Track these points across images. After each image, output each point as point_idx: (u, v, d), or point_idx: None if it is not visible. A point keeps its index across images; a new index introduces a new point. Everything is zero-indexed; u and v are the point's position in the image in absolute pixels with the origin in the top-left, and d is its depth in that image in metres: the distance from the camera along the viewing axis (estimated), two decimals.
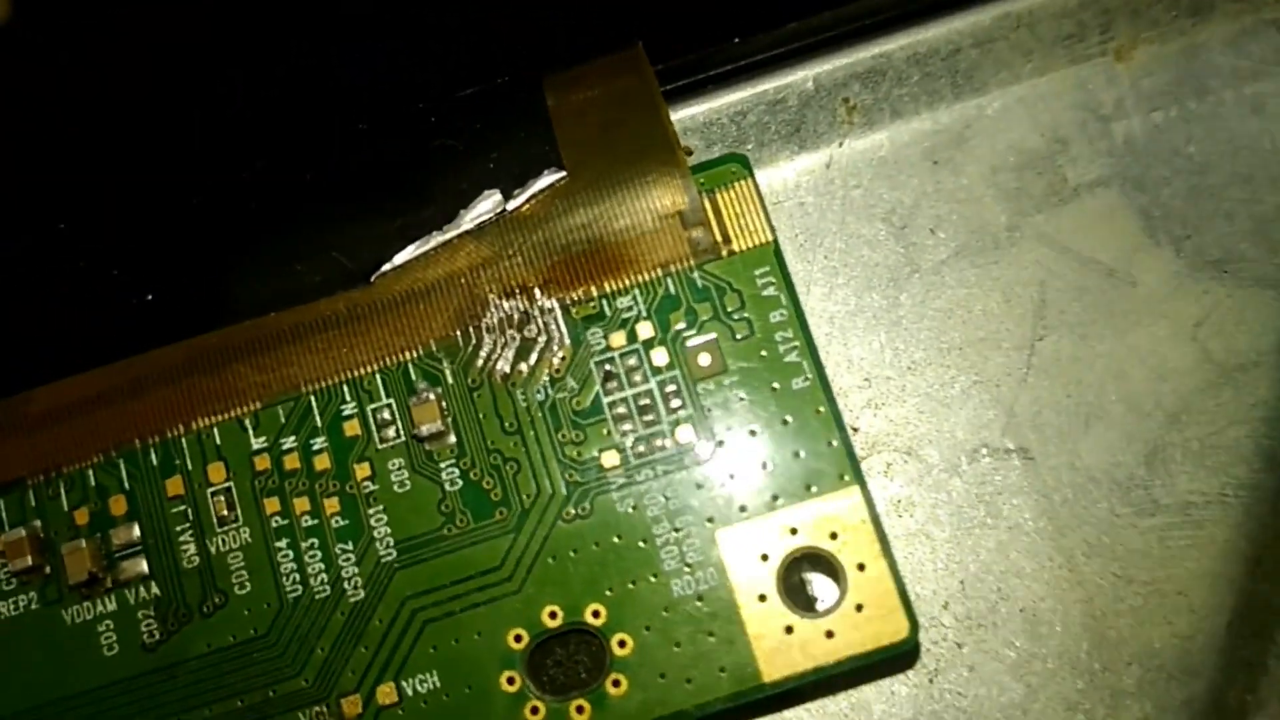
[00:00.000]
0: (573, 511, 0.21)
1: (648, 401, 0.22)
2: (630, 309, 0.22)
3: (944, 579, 0.23)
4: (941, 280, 0.24)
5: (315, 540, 0.22)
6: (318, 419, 0.22)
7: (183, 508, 0.22)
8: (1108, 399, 0.23)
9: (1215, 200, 0.24)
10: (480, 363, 0.22)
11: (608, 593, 0.21)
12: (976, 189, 0.25)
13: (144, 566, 0.22)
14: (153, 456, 0.22)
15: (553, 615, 0.21)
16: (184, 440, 0.22)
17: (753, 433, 0.21)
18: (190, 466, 0.22)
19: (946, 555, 0.23)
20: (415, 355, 0.22)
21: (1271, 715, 0.22)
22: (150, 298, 0.23)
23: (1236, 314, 0.23)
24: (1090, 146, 0.25)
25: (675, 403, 0.22)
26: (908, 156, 0.25)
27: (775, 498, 0.21)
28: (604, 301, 0.22)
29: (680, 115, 0.25)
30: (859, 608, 0.21)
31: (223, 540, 0.22)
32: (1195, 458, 0.23)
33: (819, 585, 0.21)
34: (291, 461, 0.22)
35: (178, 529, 0.22)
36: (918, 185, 0.25)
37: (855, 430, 0.23)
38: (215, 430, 0.22)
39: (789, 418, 0.21)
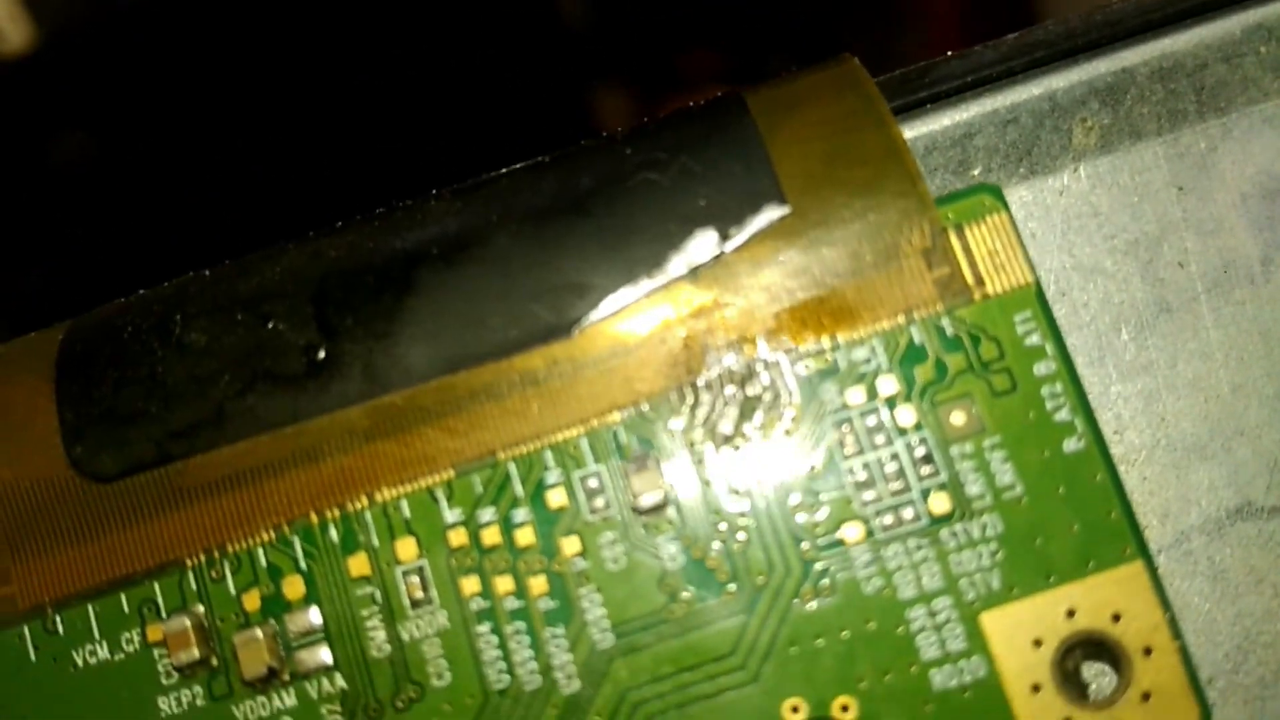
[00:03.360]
0: (811, 592, 0.20)
1: (895, 466, 0.21)
2: (869, 361, 0.21)
3: (1208, 652, 0.22)
4: (1195, 320, 0.23)
5: (521, 624, 0.21)
6: (518, 489, 0.21)
7: (369, 589, 0.21)
8: None
9: None
10: (700, 424, 0.21)
11: (859, 685, 0.20)
12: (1227, 218, 0.24)
13: (326, 657, 0.21)
14: (332, 532, 0.21)
15: (795, 710, 0.20)
16: (368, 513, 0.21)
17: (1019, 502, 0.20)
18: (376, 543, 0.21)
19: (1210, 627, 0.22)
20: (626, 417, 0.21)
21: None
22: (322, 355, 0.22)
23: None
24: None
25: (926, 468, 0.21)
26: (1150, 182, 0.24)
27: (1048, 575, 0.20)
28: (838, 353, 0.21)
29: None
30: (1145, 696, 0.20)
31: (416, 626, 0.21)
32: None
33: (1094, 671, 0.20)
34: (491, 536, 0.21)
35: (364, 613, 0.21)
36: (1162, 214, 0.23)
37: None
38: (404, 502, 0.21)
39: (1061, 485, 0.20)
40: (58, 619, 0.22)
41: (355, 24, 0.25)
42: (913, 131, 0.24)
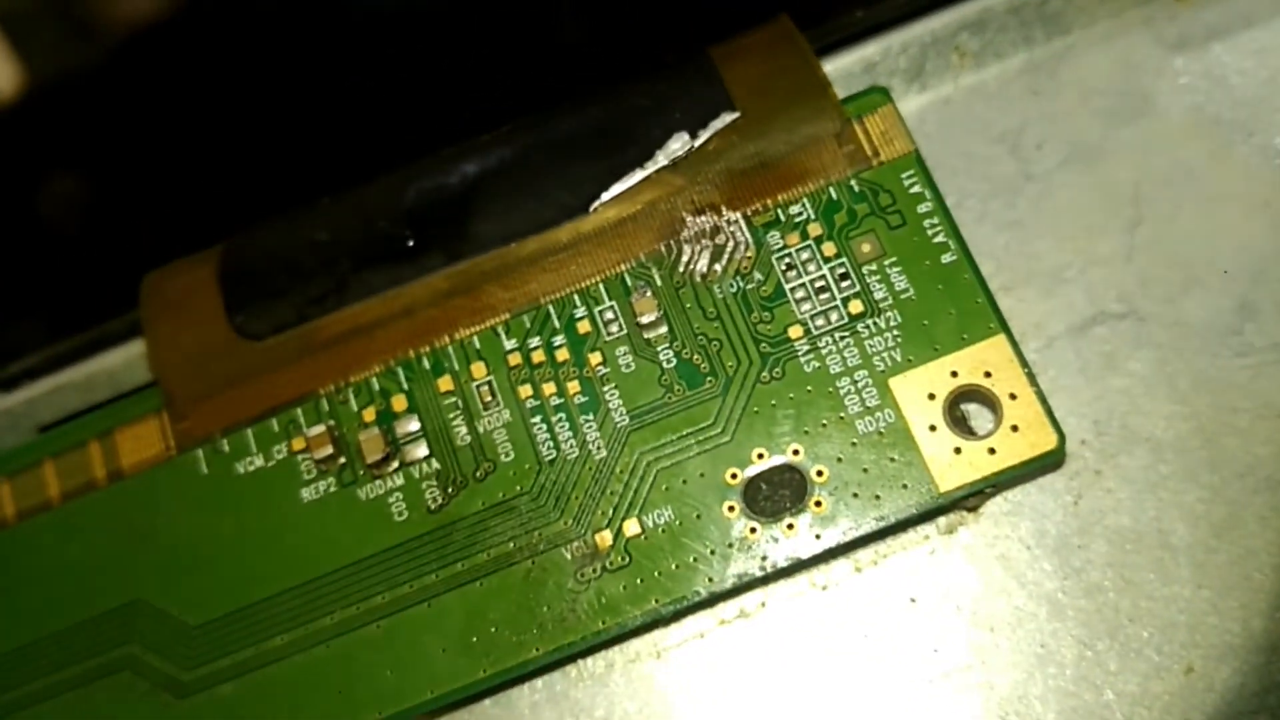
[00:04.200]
0: (768, 376, 0.29)
1: (822, 284, 0.29)
2: (801, 214, 0.30)
3: (1080, 421, 0.30)
4: (1051, 186, 0.31)
5: (563, 415, 0.29)
6: (555, 322, 0.30)
7: (453, 399, 0.30)
8: (1200, 266, 0.30)
9: (1275, 106, 0.31)
10: (682, 267, 0.30)
11: (804, 434, 0.28)
12: (1073, 111, 0.32)
13: (424, 450, 0.29)
14: (425, 362, 0.30)
15: (760, 455, 0.28)
16: (450, 348, 0.30)
17: (912, 300, 0.28)
18: (457, 367, 0.30)
19: (1079, 402, 0.30)
20: (629, 266, 0.30)
21: None
22: (411, 244, 0.31)
23: None
24: (1159, 68, 0.32)
25: (845, 283, 0.29)
26: (1012, 90, 0.32)
27: (935, 348, 0.28)
28: (779, 210, 0.30)
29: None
30: (1014, 428, 0.27)
31: (488, 421, 0.29)
32: (1279, 306, 0.30)
33: (978, 415, 0.28)
34: (538, 356, 0.30)
35: (450, 416, 0.30)
36: (1023, 112, 0.32)
37: None
38: (475, 338, 0.30)
39: (941, 285, 0.28)
40: (224, 441, 0.30)
41: (352, 35, 0.31)
42: (832, 64, 0.33)
